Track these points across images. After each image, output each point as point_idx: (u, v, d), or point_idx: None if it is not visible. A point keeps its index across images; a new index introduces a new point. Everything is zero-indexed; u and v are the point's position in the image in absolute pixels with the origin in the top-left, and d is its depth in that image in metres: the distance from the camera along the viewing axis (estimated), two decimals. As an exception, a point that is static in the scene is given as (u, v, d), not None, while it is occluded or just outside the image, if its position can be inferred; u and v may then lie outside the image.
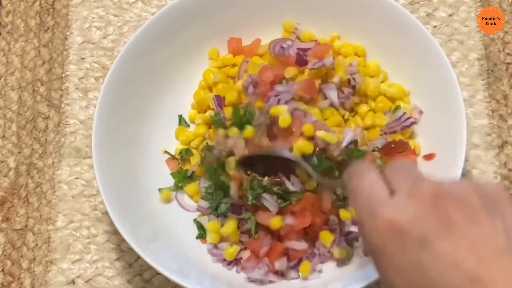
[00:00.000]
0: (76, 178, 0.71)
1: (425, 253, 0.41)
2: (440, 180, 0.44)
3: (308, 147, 0.60)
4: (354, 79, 0.66)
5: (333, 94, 0.65)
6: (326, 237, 0.62)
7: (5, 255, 0.69)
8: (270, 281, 0.61)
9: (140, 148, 0.67)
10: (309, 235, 0.62)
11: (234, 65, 0.70)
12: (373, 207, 0.44)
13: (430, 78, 0.65)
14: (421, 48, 0.65)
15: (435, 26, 0.76)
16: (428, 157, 0.63)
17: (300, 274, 0.62)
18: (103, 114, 0.63)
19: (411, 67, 0.67)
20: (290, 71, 0.65)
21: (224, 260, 0.63)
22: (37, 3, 0.80)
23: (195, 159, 0.67)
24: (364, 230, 0.44)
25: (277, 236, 0.62)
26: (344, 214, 0.61)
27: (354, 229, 0.62)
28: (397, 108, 0.66)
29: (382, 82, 0.67)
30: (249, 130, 0.61)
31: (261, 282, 0.61)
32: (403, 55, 0.67)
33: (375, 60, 0.69)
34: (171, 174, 0.67)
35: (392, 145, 0.64)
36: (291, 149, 0.60)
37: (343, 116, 0.66)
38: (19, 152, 0.73)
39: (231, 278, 0.62)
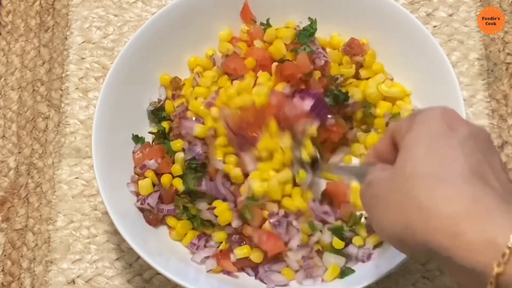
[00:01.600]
0: (76, 178, 0.71)
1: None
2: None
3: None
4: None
5: None
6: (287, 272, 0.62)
7: (5, 255, 0.69)
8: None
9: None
10: None
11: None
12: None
13: (430, 78, 0.65)
14: (421, 48, 0.65)
15: (435, 26, 0.76)
16: (428, 157, 0.63)
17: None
18: (103, 114, 0.63)
19: (411, 67, 0.66)
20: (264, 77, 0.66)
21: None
22: (37, 3, 0.80)
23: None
24: None
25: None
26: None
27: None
28: (396, 115, 0.66)
29: (382, 83, 0.67)
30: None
31: (261, 281, 0.61)
32: (403, 55, 0.67)
33: (376, 61, 0.69)
34: None
35: None
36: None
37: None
38: (19, 152, 0.73)
39: (231, 278, 0.62)
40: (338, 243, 0.61)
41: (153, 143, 0.67)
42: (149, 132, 0.67)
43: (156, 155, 0.64)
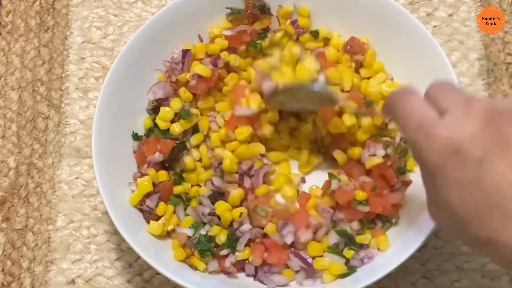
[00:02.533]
0: (76, 178, 0.71)
1: (483, 171, 0.42)
2: (491, 98, 0.44)
3: None
4: None
5: None
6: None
7: (5, 255, 0.69)
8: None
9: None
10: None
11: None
12: (428, 127, 0.44)
13: (430, 78, 0.64)
14: (421, 48, 0.65)
15: (435, 26, 0.75)
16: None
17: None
18: (103, 114, 0.63)
19: (411, 67, 0.66)
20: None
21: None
22: (37, 3, 0.80)
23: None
24: (420, 152, 0.44)
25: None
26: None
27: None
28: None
29: (383, 82, 0.67)
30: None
31: (260, 282, 0.61)
32: (403, 55, 0.67)
33: (376, 60, 0.69)
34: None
35: None
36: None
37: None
38: (19, 152, 0.73)
39: (230, 278, 0.62)
40: (349, 253, 0.61)
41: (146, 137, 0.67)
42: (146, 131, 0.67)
43: (155, 147, 0.64)
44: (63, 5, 0.79)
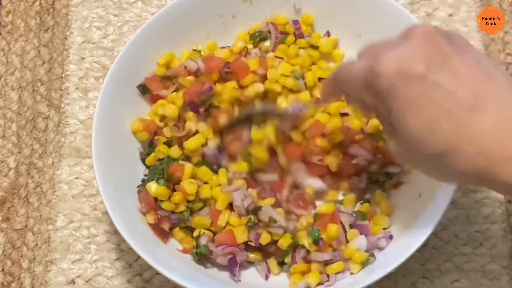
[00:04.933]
0: (76, 178, 0.71)
1: (428, 83, 0.44)
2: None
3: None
4: None
5: None
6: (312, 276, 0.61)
7: (5, 255, 0.69)
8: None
9: (140, 148, 0.67)
10: None
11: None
12: (374, 57, 0.47)
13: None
14: (421, 48, 0.65)
15: (435, 26, 0.75)
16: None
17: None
18: (103, 114, 0.63)
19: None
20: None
21: None
22: (37, 3, 0.80)
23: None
24: (372, 82, 0.47)
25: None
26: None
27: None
28: None
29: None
30: None
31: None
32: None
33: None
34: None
35: None
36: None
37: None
38: (19, 152, 0.73)
39: (231, 278, 0.62)
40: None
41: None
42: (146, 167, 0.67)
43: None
44: (63, 5, 0.79)
